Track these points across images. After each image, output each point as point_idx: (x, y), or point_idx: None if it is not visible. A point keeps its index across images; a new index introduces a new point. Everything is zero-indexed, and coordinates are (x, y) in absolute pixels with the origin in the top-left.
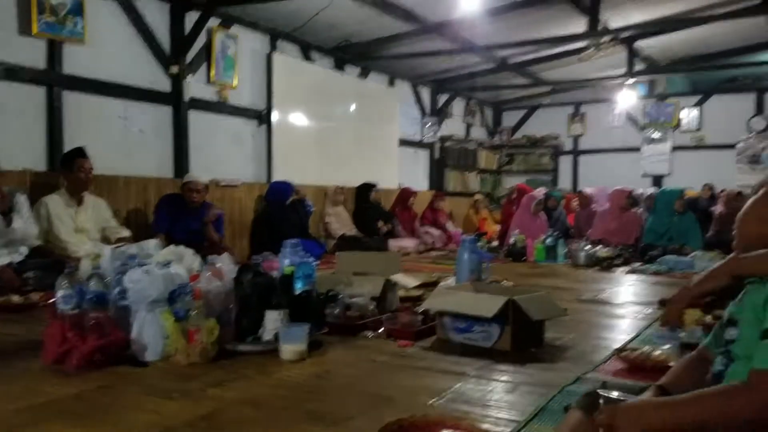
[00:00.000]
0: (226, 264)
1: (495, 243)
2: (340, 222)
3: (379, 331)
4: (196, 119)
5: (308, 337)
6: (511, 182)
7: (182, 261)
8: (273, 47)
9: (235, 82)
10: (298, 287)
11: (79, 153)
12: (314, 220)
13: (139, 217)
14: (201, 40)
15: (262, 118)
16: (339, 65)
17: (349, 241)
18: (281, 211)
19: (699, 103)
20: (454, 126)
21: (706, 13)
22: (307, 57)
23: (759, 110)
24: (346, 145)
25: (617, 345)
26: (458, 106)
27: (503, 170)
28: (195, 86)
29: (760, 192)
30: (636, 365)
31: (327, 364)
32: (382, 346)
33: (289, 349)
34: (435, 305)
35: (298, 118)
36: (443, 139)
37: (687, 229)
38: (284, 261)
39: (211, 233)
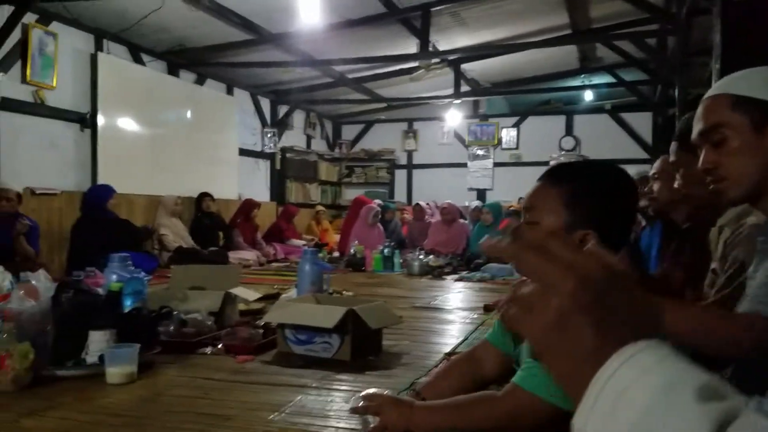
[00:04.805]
0: (41, 281)
1: (336, 254)
2: (176, 234)
3: (218, 347)
4: (7, 121)
5: (138, 357)
6: (351, 194)
7: None
8: (98, 47)
9: (54, 83)
10: (128, 305)
11: None
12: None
13: None
14: (15, 37)
15: (86, 121)
16: (173, 70)
17: (185, 254)
18: (102, 220)
19: (516, 124)
20: (294, 137)
21: (523, 40)
22: (137, 59)
23: (568, 131)
24: (181, 153)
25: (447, 349)
26: (298, 118)
27: (343, 182)
28: (7, 85)
29: None
30: None
31: (158, 386)
32: (220, 363)
33: (115, 372)
34: (276, 318)
35: (128, 123)
36: (284, 150)
37: None
38: (111, 277)
39: (24, 247)
